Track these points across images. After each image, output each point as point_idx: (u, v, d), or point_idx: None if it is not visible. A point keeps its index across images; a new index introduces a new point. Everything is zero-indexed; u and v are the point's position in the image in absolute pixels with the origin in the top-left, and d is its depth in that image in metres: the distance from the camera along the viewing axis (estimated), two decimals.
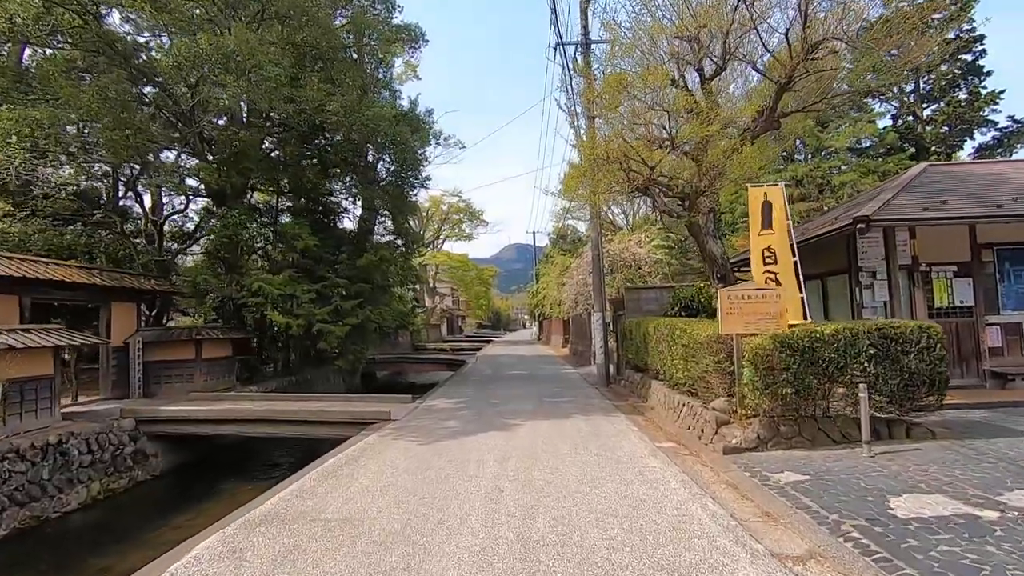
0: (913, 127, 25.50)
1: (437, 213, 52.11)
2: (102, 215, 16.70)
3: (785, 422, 7.50)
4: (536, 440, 8.59)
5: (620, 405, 12.21)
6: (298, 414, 11.15)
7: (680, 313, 13.77)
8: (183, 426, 11.42)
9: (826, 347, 7.17)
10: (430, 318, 52.22)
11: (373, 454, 8.05)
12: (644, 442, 8.36)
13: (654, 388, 11.58)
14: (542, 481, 6.39)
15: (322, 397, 13.98)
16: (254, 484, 10.48)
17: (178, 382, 14.78)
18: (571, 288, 27.54)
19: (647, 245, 23.49)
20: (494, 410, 11.70)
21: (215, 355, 15.49)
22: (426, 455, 7.85)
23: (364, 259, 16.18)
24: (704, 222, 10.43)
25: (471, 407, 12.30)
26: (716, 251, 10.52)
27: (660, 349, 10.84)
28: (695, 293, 13.93)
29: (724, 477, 6.55)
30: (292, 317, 14.57)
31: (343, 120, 13.42)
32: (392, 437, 9.26)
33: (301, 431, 11.17)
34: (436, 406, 12.66)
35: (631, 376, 14.39)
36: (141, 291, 14.59)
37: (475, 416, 11.04)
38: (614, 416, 10.72)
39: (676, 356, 9.64)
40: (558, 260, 36.95)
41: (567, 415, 10.87)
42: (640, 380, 13.15)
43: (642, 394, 12.74)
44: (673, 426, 9.49)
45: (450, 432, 9.47)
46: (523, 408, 11.92)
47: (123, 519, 9.39)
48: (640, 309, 15.61)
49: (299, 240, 15.23)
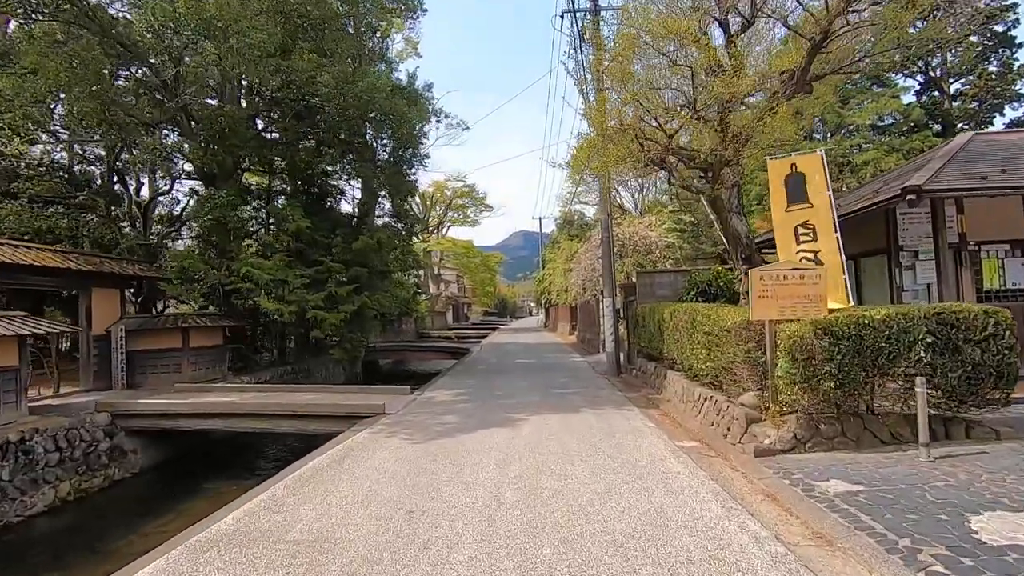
0: (939, 102, 24.20)
1: (441, 198, 51.13)
2: (86, 197, 15.87)
3: (825, 420, 6.58)
4: (542, 438, 7.72)
5: (633, 397, 11.32)
6: (287, 408, 10.35)
7: (696, 298, 12.84)
8: (162, 420, 10.65)
9: (876, 335, 6.22)
10: (435, 305, 51.47)
11: (360, 455, 7.20)
12: (663, 441, 7.48)
13: (670, 379, 10.68)
14: (549, 491, 5.51)
15: (316, 388, 13.18)
16: (239, 483, 9.69)
17: (164, 372, 14.02)
18: (578, 274, 26.61)
19: (658, 228, 22.46)
20: (497, 403, 10.85)
21: (204, 344, 14.71)
22: (419, 457, 7.01)
23: (360, 242, 15.28)
24: (727, 197, 9.45)
25: (473, 399, 11.46)
26: (740, 229, 9.54)
27: (678, 337, 9.91)
28: (712, 277, 13.00)
29: (760, 485, 5.65)
30: (283, 303, 13.73)
31: (334, 92, 12.47)
32: (384, 434, 8.42)
33: (290, 426, 10.38)
34: (435, 398, 11.83)
35: (644, 365, 13.49)
36: (124, 277, 13.79)
37: (476, 410, 10.19)
38: (627, 410, 9.84)
39: (697, 345, 8.71)
40: (565, 245, 35.98)
41: (576, 408, 10.00)
42: (654, 370, 12.25)
43: (656, 385, 11.84)
44: (694, 422, 8.60)
45: (448, 429, 8.62)
46: (529, 400, 11.06)
47: (92, 523, 8.64)
48: (653, 294, 14.67)
49: (290, 222, 14.35)
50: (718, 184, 8.66)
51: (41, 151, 13.66)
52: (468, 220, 51.50)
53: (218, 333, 15.34)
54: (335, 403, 10.46)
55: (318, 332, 14.62)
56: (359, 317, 16.96)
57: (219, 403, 10.71)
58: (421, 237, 50.75)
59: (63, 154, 15.45)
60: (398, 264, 18.41)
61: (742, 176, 9.88)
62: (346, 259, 15.29)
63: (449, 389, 13.19)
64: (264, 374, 16.39)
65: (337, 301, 14.83)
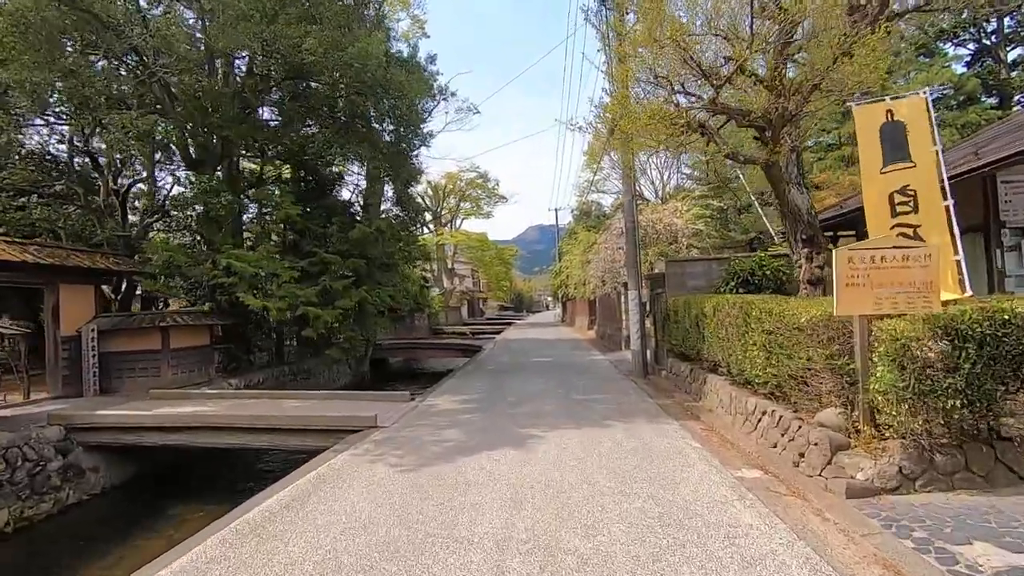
0: (995, 71, 21.96)
1: (454, 190, 49.59)
2: (64, 186, 14.63)
3: (942, 449, 4.92)
4: (562, 465, 6.15)
5: (666, 405, 9.70)
6: (263, 421, 8.92)
7: (736, 289, 11.18)
8: (124, 435, 9.30)
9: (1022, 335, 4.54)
10: (448, 300, 50.09)
11: (331, 491, 5.71)
12: (717, 470, 5.86)
13: (712, 385, 9.04)
14: (573, 560, 3.95)
15: (305, 395, 11.75)
16: (208, 508, 8.31)
17: (143, 376, 12.71)
18: (598, 265, 24.93)
19: (685, 215, 20.65)
20: (509, 414, 9.30)
21: (188, 344, 13.37)
22: (405, 493, 5.49)
23: (357, 231, 13.82)
24: (785, 164, 7.75)
25: (481, 408, 9.93)
26: (801, 203, 7.85)
27: (724, 335, 8.26)
28: (755, 265, 11.31)
29: (869, 548, 4.02)
30: (271, 299, 12.33)
31: (322, 61, 10.98)
32: (369, 457, 6.92)
33: (267, 441, 8.95)
34: (438, 406, 10.32)
35: (675, 366, 11.84)
36: (97, 271, 12.48)
37: (483, 422, 8.66)
38: (663, 423, 8.22)
39: (752, 345, 7.06)
40: (582, 236, 34.30)
41: (602, 421, 8.40)
42: (689, 373, 10.60)
43: (693, 391, 10.20)
44: (748, 441, 6.96)
45: (447, 449, 7.09)
46: (545, 409, 9.50)
47: (24, 564, 7.28)
48: (684, 285, 13.00)
49: (279, 209, 12.93)
50: (778, 147, 6.95)
51: (9, 137, 12.43)
52: (481, 212, 49.92)
53: (204, 332, 14.00)
54: (320, 415, 9.00)
55: (311, 331, 13.20)
56: (360, 313, 15.56)
57: (187, 415, 9.32)
58: (434, 230, 49.44)
59: (35, 139, 14.31)
60: (402, 256, 16.92)
61: (801, 140, 8.16)
62: (343, 250, 13.85)
63: (455, 394, 11.68)
64: (257, 376, 15.04)
65: (333, 296, 13.40)
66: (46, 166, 14.12)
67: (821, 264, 7.73)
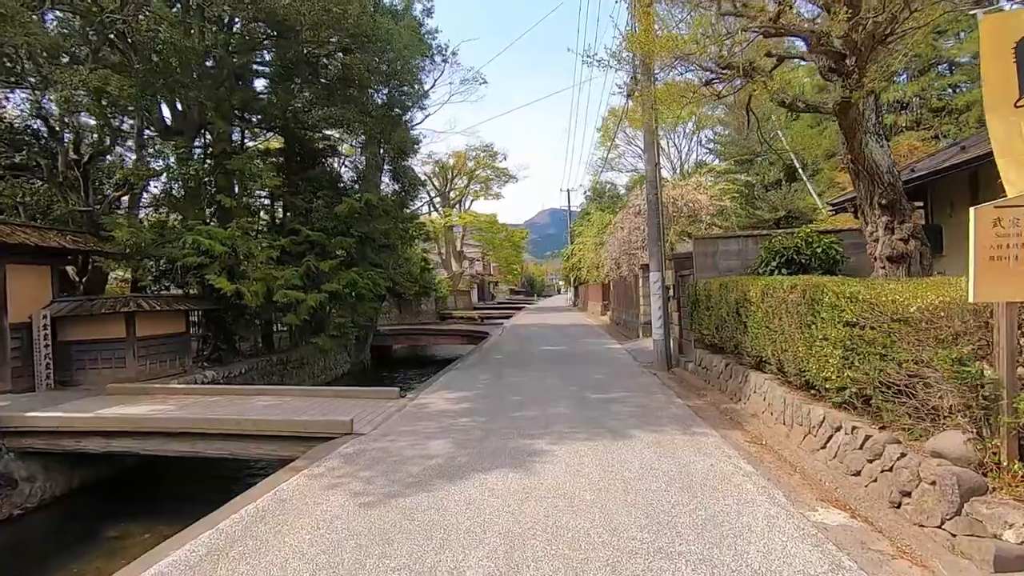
0: None
1: (463, 170, 47.87)
2: (25, 157, 13.26)
3: None
4: (576, 502, 4.64)
5: (699, 408, 8.18)
6: (223, 424, 7.52)
7: (780, 270, 9.57)
8: (63, 440, 7.96)
9: None
10: (457, 284, 48.74)
11: (261, 539, 4.24)
12: (786, 511, 4.32)
13: (757, 384, 7.48)
14: None
15: (282, 390, 10.37)
16: (158, 528, 6.99)
17: (106, 368, 11.41)
18: (613, 247, 23.28)
19: (710, 189, 18.88)
20: (511, 417, 7.81)
21: (158, 332, 12.03)
22: (358, 545, 4.02)
23: (344, 205, 12.31)
24: (863, 109, 6.07)
25: (479, 410, 8.45)
26: (881, 159, 6.18)
27: (776, 326, 6.67)
28: (801, 241, 9.66)
29: None
30: (246, 281, 10.90)
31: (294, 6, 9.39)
32: (329, 480, 5.47)
33: (224, 448, 7.56)
34: (430, 406, 8.86)
35: (705, 359, 10.28)
36: (52, 250, 11.11)
37: (480, 430, 7.18)
38: (700, 433, 6.69)
39: (822, 340, 5.47)
40: (596, 217, 32.66)
41: (624, 430, 6.89)
42: (724, 368, 9.04)
43: (729, 389, 8.65)
44: (813, 461, 5.42)
45: (428, 471, 5.62)
46: (555, 413, 8.00)
47: None
48: (715, 267, 11.39)
49: (257, 180, 11.46)
50: (863, 79, 5.26)
51: None
52: (491, 192, 48.22)
53: (178, 319, 12.64)
54: (286, 419, 7.59)
55: (293, 317, 11.77)
56: (353, 298, 14.11)
57: (134, 418, 7.94)
58: (442, 212, 47.88)
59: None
60: (397, 234, 15.38)
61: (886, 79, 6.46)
62: (329, 227, 12.37)
63: (452, 391, 10.22)
64: (240, 367, 13.70)
65: (320, 279, 11.94)
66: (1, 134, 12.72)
67: (906, 236, 6.10)
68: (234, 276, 11.34)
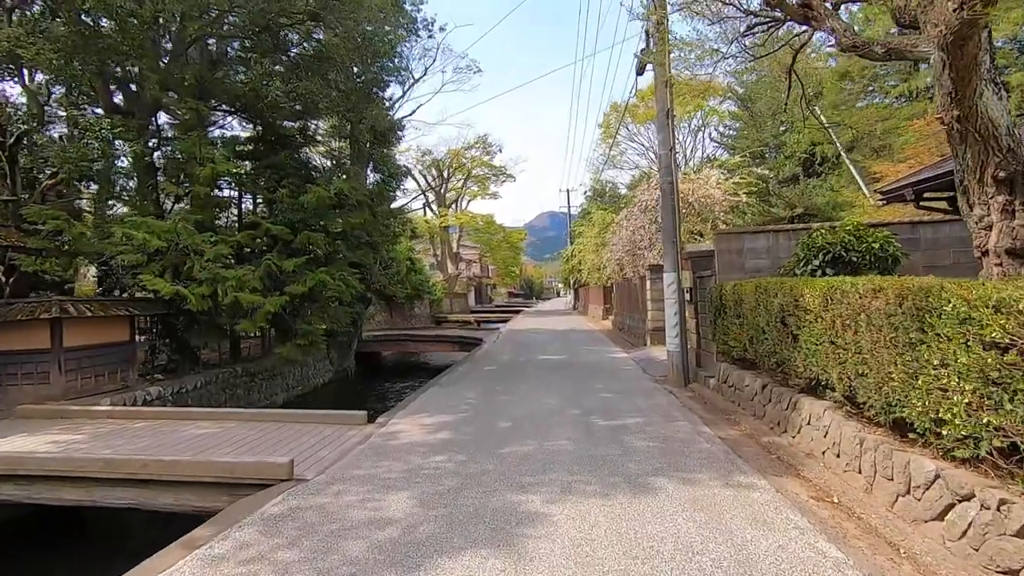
0: None
1: (459, 168, 46.22)
2: None
3: None
4: None
5: (735, 440, 6.54)
6: (127, 467, 5.85)
7: (823, 270, 7.96)
8: None
9: None
10: (453, 287, 47.10)
11: None
12: None
13: (812, 415, 5.83)
14: None
15: (227, 414, 8.69)
16: None
17: (28, 384, 9.74)
18: (616, 247, 21.66)
19: (724, 183, 17.23)
20: (498, 457, 6.14)
21: (92, 341, 10.35)
22: None
23: (311, 194, 10.62)
24: (973, 50, 4.41)
25: (459, 443, 6.78)
26: (998, 114, 4.55)
27: (850, 342, 5.00)
28: (850, 237, 8.05)
29: None
30: (192, 283, 9.23)
31: None
32: (230, 568, 3.80)
33: (131, 497, 5.89)
34: (400, 437, 7.19)
35: (732, 375, 8.64)
36: None
37: (457, 476, 5.51)
38: (746, 483, 5.03)
39: (938, 367, 3.80)
40: (597, 217, 31.01)
41: (646, 478, 5.22)
42: (761, 389, 7.38)
43: (767, 414, 7.01)
44: (918, 536, 3.80)
45: (375, 553, 3.95)
46: (554, 448, 6.33)
47: None
48: (741, 267, 9.80)
49: (205, 165, 9.76)
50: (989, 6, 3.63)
51: None
52: (488, 192, 46.57)
53: (119, 325, 10.94)
54: (207, 460, 5.91)
55: (248, 324, 10.08)
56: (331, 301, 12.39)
57: (10, 457, 6.27)
58: (438, 212, 46.21)
59: None
60: (378, 230, 13.63)
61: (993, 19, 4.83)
62: (295, 220, 10.69)
63: (433, 413, 8.55)
64: (195, 380, 11.98)
65: (279, 280, 10.27)
66: None
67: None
68: (180, 276, 9.66)
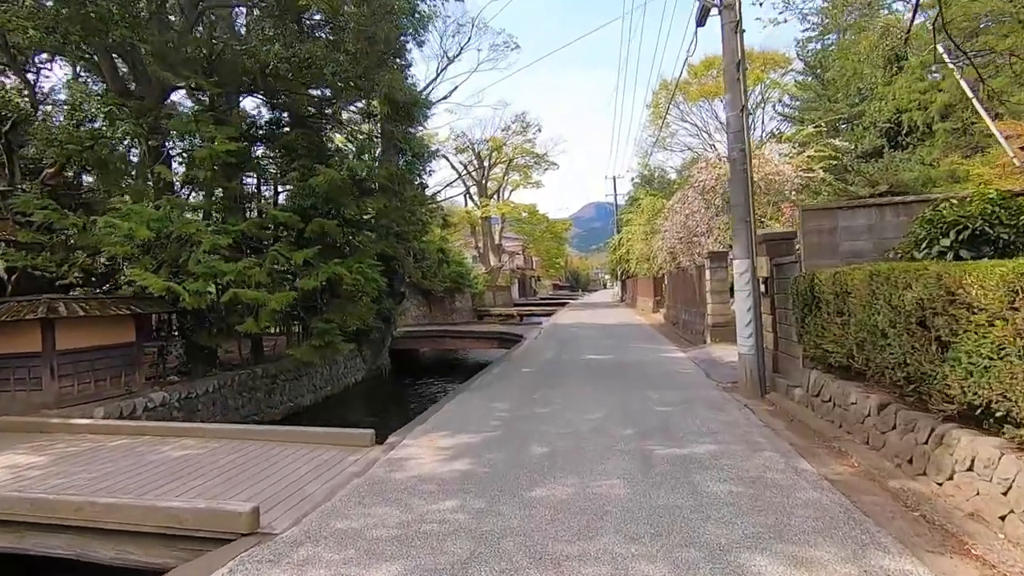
0: None
1: (500, 158, 44.78)
2: None
3: None
4: None
5: (848, 483, 4.80)
6: (60, 510, 4.65)
7: (956, 252, 6.05)
8: None
9: None
10: (496, 279, 45.88)
11: None
12: None
13: (978, 457, 4.06)
14: None
15: (216, 432, 7.50)
16: None
17: (20, 390, 8.91)
18: (670, 232, 19.74)
19: (796, 159, 15.04)
20: (525, 504, 4.62)
21: (91, 343, 9.45)
22: None
23: (322, 177, 9.33)
24: None
25: (478, 481, 5.29)
26: None
27: None
28: (996, 208, 6.12)
29: None
30: (187, 279, 8.12)
31: None
32: None
33: (68, 545, 4.70)
34: (408, 467, 5.77)
35: (828, 386, 6.83)
36: None
37: (466, 538, 4.03)
38: (894, 569, 3.31)
39: None
40: (646, 203, 28.96)
41: (736, 553, 3.59)
42: (878, 411, 5.56)
43: (889, 444, 5.20)
44: None
45: None
46: (601, 492, 4.76)
47: None
48: (834, 250, 7.96)
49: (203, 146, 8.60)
50: None
51: None
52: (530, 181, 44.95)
53: (122, 325, 10.01)
54: (150, 504, 4.63)
55: (252, 324, 8.92)
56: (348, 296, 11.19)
57: None
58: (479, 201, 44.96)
59: None
60: (402, 217, 12.26)
61: None
62: (302, 206, 9.46)
63: (454, 431, 7.11)
64: (208, 383, 10.97)
65: (285, 274, 9.07)
66: None
67: None
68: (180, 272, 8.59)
